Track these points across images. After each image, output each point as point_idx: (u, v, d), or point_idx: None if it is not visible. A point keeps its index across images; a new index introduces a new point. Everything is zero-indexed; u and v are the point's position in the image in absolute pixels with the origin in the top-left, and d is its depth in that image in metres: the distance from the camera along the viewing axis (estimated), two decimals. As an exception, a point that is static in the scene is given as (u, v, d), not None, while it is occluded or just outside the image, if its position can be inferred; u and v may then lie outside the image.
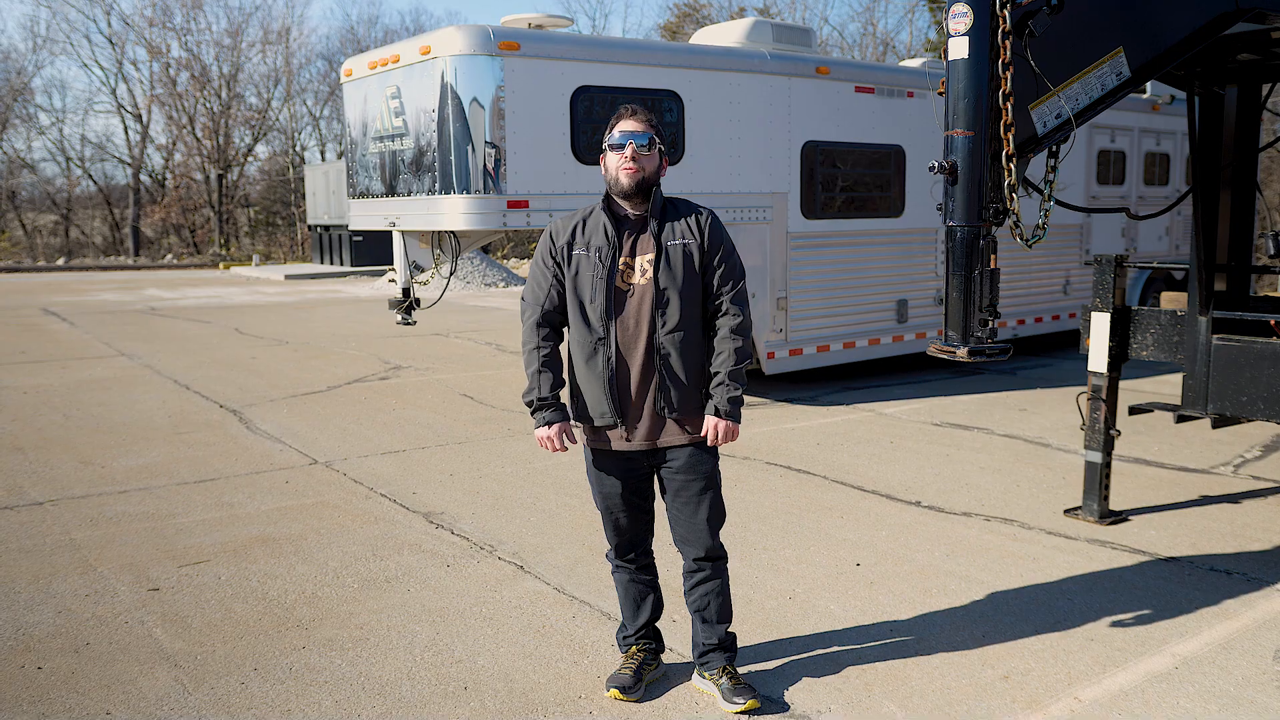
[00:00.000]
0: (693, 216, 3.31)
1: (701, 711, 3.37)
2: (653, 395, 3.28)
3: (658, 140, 3.28)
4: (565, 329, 3.40)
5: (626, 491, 3.41)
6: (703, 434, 3.32)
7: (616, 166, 3.25)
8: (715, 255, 3.30)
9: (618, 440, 3.33)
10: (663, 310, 3.24)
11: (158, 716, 3.33)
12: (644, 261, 3.27)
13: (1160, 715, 3.33)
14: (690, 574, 3.47)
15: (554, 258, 3.34)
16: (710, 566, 3.44)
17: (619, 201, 3.31)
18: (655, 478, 3.46)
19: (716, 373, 3.28)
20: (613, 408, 3.28)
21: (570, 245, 3.32)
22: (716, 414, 3.27)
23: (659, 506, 3.53)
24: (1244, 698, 3.44)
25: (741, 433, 7.48)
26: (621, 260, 3.27)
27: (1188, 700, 3.43)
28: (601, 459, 3.40)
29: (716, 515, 3.41)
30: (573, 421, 3.40)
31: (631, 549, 3.52)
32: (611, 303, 3.25)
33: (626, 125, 3.26)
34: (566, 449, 3.37)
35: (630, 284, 3.27)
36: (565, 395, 3.38)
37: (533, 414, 3.35)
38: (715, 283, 3.30)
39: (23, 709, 3.38)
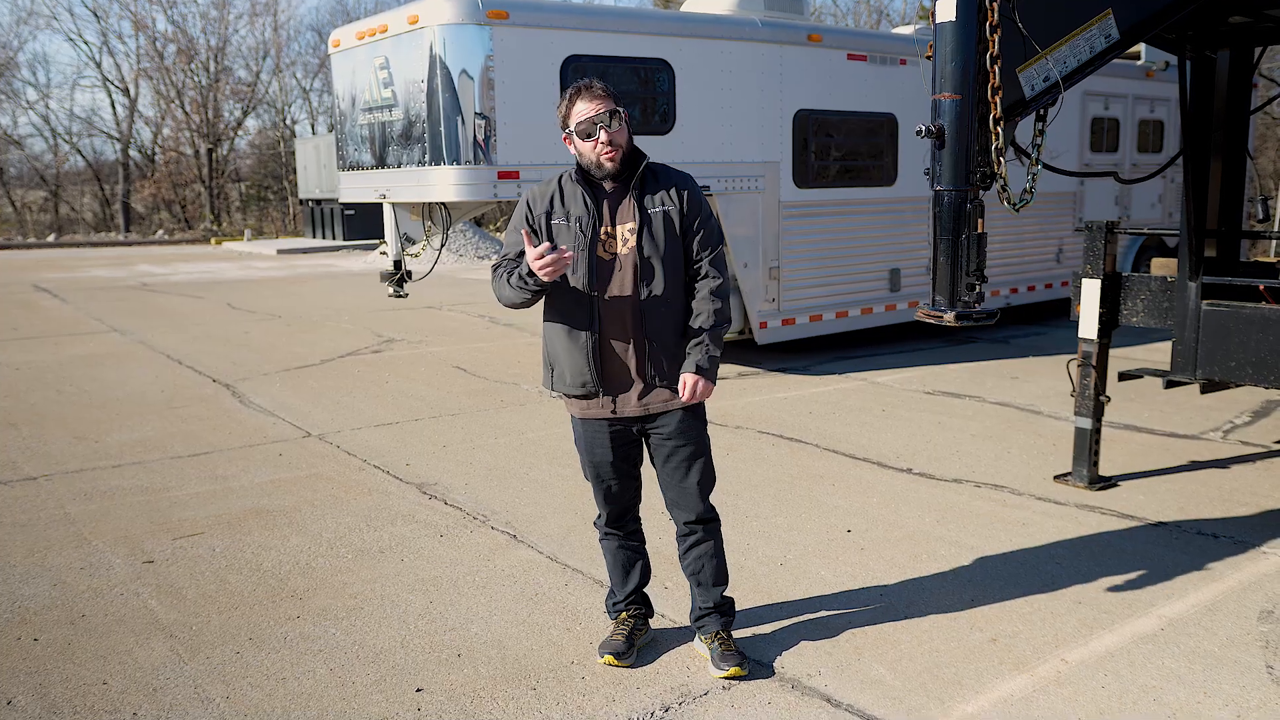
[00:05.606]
0: (671, 183, 3.28)
1: (692, 676, 3.40)
2: (640, 363, 3.27)
3: (620, 110, 3.18)
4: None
5: (617, 459, 3.40)
6: (681, 391, 3.23)
7: (596, 154, 3.17)
8: (695, 220, 3.27)
9: (607, 409, 3.33)
10: (648, 279, 3.22)
11: (154, 686, 3.36)
12: (625, 230, 3.23)
13: (1146, 676, 3.37)
14: (683, 538, 3.49)
15: (531, 226, 3.28)
16: (702, 529, 3.45)
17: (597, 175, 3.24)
18: (644, 444, 3.46)
19: (697, 331, 3.26)
20: (594, 377, 3.26)
21: (549, 214, 3.27)
22: (696, 370, 3.23)
23: (647, 473, 3.54)
24: (1228, 658, 3.48)
25: (735, 402, 7.52)
26: (603, 230, 3.23)
27: (1173, 661, 3.47)
28: (590, 428, 3.40)
29: (707, 480, 3.42)
30: (553, 392, 3.40)
31: (622, 517, 3.53)
32: (594, 273, 3.23)
33: (587, 108, 3.13)
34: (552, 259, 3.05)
35: (613, 253, 3.24)
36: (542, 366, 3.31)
37: (527, 275, 3.12)
38: (695, 247, 3.28)
39: (20, 680, 3.41)
